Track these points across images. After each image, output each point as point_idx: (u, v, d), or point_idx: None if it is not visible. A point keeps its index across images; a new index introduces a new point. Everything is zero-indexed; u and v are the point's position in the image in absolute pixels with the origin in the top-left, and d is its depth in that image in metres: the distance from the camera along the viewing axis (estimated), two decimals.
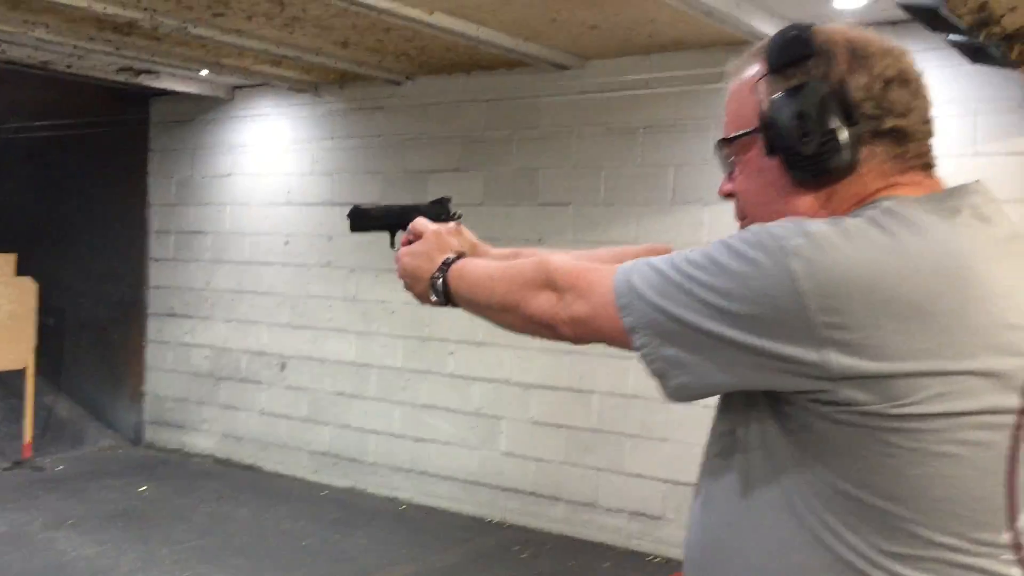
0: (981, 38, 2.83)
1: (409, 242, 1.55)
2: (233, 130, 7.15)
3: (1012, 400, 0.98)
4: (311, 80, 6.44)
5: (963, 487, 0.98)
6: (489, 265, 1.38)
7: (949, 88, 4.36)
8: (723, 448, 1.13)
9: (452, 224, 1.61)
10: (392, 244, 1.73)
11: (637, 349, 1.09)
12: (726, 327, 1.01)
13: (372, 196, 6.31)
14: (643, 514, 5.28)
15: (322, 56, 5.54)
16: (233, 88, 7.06)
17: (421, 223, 1.55)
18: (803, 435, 1.02)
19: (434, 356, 6.06)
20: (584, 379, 5.45)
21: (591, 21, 4.65)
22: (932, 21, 3.19)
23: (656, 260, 1.10)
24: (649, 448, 5.25)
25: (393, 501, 6.18)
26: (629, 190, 5.36)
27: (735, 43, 4.69)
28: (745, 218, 1.20)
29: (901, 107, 1.09)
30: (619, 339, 1.12)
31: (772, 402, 1.04)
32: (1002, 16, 2.59)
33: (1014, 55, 2.92)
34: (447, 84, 6.05)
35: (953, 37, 3.49)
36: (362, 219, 1.85)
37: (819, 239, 0.98)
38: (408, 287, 1.52)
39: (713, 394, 1.09)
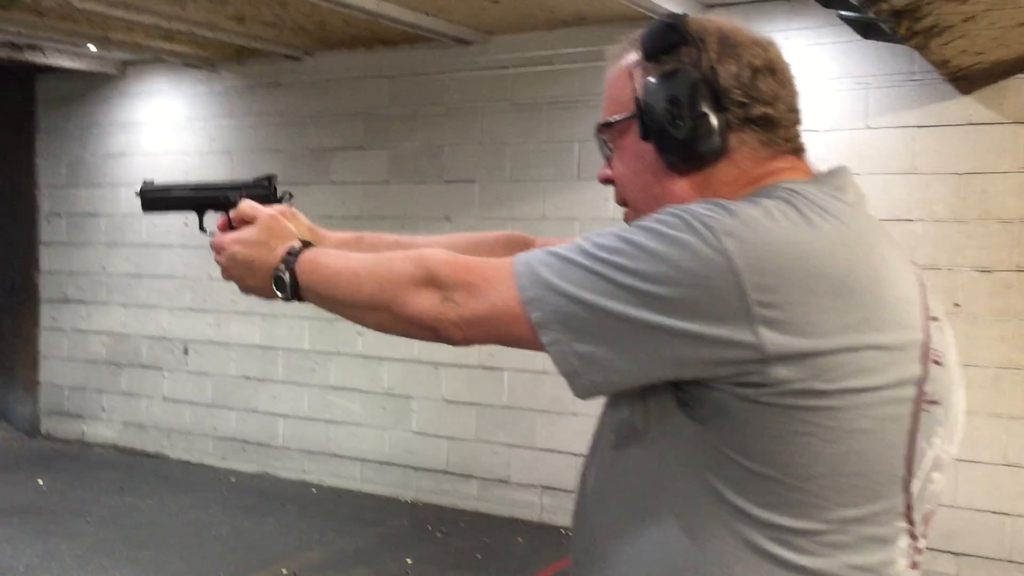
0: (872, 14, 2.90)
1: (230, 226, 1.38)
2: (126, 108, 6.88)
3: (915, 369, 1.01)
4: (207, 56, 6.24)
5: (871, 461, 1.00)
6: (352, 257, 1.24)
7: (841, 63, 4.48)
8: (619, 440, 1.11)
9: (284, 206, 1.44)
10: (201, 227, 1.54)
11: (546, 346, 1.03)
12: (653, 313, 0.97)
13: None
14: (555, 488, 5.33)
15: (217, 31, 5.37)
16: (124, 64, 6.79)
17: (251, 206, 1.37)
18: (717, 421, 1.00)
19: (342, 337, 5.98)
20: (494, 356, 5.45)
21: None
22: None
23: (559, 249, 1.05)
24: (560, 423, 5.29)
25: (304, 485, 6.10)
26: (535, 166, 5.36)
27: (635, 19, 4.71)
28: (625, 204, 1.21)
29: (769, 95, 1.11)
30: (523, 337, 1.05)
31: (678, 390, 1.03)
32: None
33: (903, 31, 3.01)
34: (349, 60, 5.93)
35: (845, 13, 3.57)
36: (157, 198, 1.57)
37: (747, 219, 0.98)
38: (238, 279, 1.35)
39: (626, 389, 1.05)
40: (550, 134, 5.31)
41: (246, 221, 1.35)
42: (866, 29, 3.85)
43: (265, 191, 1.50)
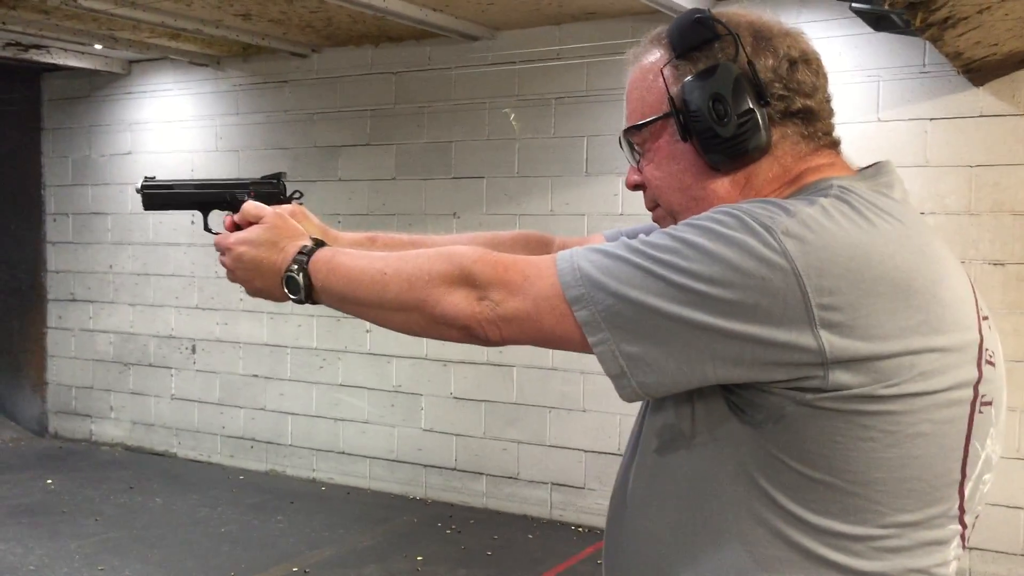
0: (886, 6, 2.88)
1: (237, 226, 1.33)
2: (131, 107, 6.87)
3: (972, 372, 1.00)
4: (213, 54, 6.22)
5: (929, 465, 0.98)
6: (373, 256, 1.17)
7: (852, 56, 4.45)
8: (662, 444, 1.07)
9: (294, 206, 1.38)
10: (206, 227, 1.48)
11: (592, 346, 0.99)
12: (708, 314, 0.93)
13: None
14: (565, 485, 5.31)
15: (223, 29, 5.35)
16: (129, 63, 6.78)
17: (256, 206, 1.32)
18: (772, 425, 0.97)
19: (351, 335, 5.97)
20: (504, 353, 5.43)
21: None
22: None
23: (606, 246, 1.01)
24: (569, 419, 5.27)
25: (313, 483, 6.09)
26: (543, 162, 5.34)
27: (643, 13, 4.69)
28: (657, 207, 1.17)
29: (808, 87, 1.08)
30: (565, 337, 1.01)
31: (730, 394, 0.99)
32: None
33: (917, 22, 2.98)
34: (355, 56, 5.91)
35: (856, 5, 3.54)
36: (159, 197, 1.49)
37: (806, 219, 0.95)
38: (244, 281, 1.30)
39: (675, 392, 1.01)
40: (558, 129, 5.29)
41: (251, 222, 1.30)
42: (877, 21, 3.82)
43: (274, 189, 1.44)
